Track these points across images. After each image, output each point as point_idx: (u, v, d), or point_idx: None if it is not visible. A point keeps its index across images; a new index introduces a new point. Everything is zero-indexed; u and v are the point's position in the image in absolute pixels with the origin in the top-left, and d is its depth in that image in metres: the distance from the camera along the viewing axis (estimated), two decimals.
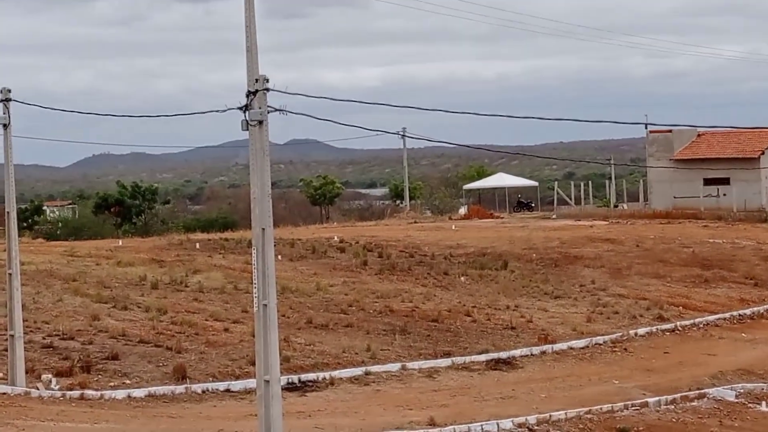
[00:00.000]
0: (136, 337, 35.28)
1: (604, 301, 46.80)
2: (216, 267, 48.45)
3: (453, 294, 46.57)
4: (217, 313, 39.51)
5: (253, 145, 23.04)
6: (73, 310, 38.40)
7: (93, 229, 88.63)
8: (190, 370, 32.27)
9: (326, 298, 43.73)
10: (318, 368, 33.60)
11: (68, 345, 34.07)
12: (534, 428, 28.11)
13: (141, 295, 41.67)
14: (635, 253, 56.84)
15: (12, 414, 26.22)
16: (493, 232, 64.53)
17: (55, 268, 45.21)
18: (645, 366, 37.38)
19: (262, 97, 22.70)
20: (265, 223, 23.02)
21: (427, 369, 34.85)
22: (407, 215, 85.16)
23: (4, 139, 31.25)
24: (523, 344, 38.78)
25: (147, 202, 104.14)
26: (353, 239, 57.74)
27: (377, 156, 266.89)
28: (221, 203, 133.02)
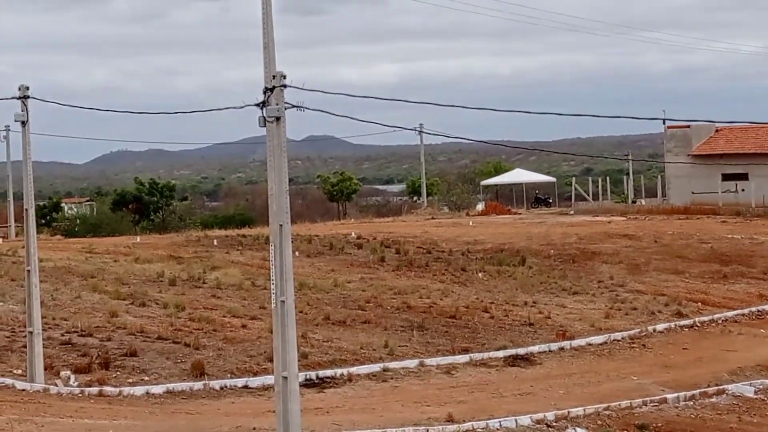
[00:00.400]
0: (155, 334, 35.33)
1: (622, 297, 46.73)
2: (234, 263, 48.51)
3: (471, 290, 46.54)
4: (234, 309, 39.55)
5: (270, 142, 23.04)
6: (92, 306, 38.48)
7: (111, 225, 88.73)
8: (208, 366, 32.30)
9: (344, 294, 43.75)
10: (336, 365, 33.60)
11: (87, 342, 34.13)
12: (552, 425, 28.08)
13: (159, 291, 41.73)
14: (653, 248, 56.76)
15: (31, 410, 26.29)
16: (510, 228, 64.51)
17: (74, 265, 45.32)
18: (663, 362, 37.29)
19: (279, 93, 22.71)
20: (282, 219, 23.03)
21: (445, 365, 34.83)
22: (424, 211, 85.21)
23: (23, 137, 31.32)
24: (541, 340, 38.73)
25: (165, 198, 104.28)
26: (371, 235, 57.76)
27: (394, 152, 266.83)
28: (239, 200, 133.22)
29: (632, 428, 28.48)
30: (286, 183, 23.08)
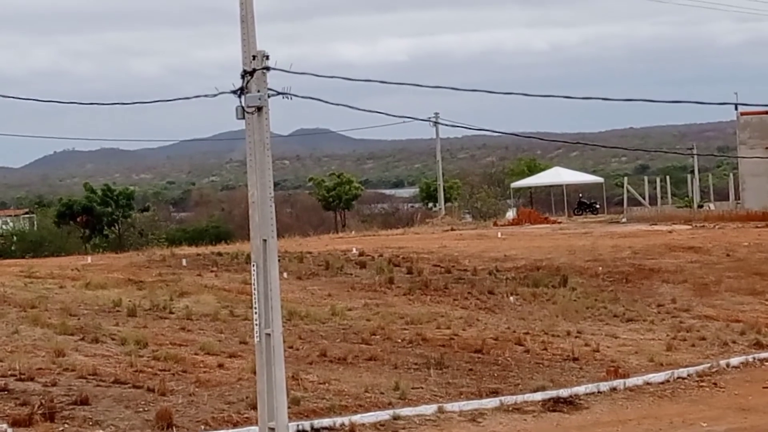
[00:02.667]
0: (111, 377, 35.34)
1: (687, 325, 46.77)
2: (207, 288, 48.59)
3: (500, 318, 46.62)
4: (209, 345, 39.58)
5: (250, 137, 23.09)
6: (32, 343, 38.52)
7: (55, 243, 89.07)
8: (177, 416, 32.32)
9: (344, 324, 43.81)
10: (335, 412, 33.62)
11: (27, 387, 34.16)
12: None
13: (115, 324, 41.78)
14: (725, 264, 56.80)
15: None
16: (548, 240, 64.58)
17: (10, 293, 45.38)
18: (740, 404, 37.31)
19: (260, 77, 22.75)
20: (266, 232, 23.05)
21: (469, 411, 34.87)
22: (442, 221, 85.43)
23: None
24: (588, 379, 38.75)
25: (121, 209, 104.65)
26: (376, 252, 57.85)
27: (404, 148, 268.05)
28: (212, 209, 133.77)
29: None
30: (271, 188, 23.12)
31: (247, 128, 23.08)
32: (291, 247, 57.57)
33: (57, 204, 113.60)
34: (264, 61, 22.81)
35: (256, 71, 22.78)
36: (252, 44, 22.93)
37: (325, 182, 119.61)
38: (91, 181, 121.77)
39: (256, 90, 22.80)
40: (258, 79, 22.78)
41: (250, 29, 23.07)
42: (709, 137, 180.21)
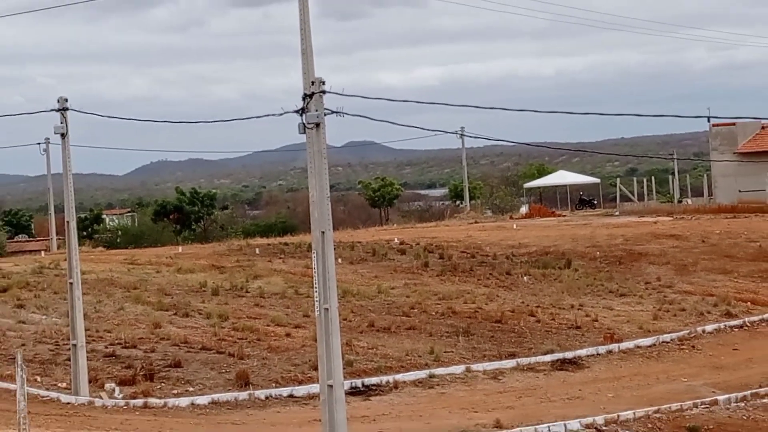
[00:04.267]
0: (198, 344, 35.46)
1: (670, 299, 46.56)
2: (276, 272, 48.62)
3: (516, 294, 46.49)
4: (278, 318, 39.65)
5: (310, 148, 23.09)
6: (135, 318, 38.66)
7: (152, 236, 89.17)
8: (253, 376, 32.40)
9: (388, 300, 43.77)
10: (381, 372, 33.63)
11: (131, 353, 34.30)
12: (602, 428, 28.00)
13: (202, 301, 41.89)
14: (701, 248, 56.48)
15: (76, 424, 26.45)
16: (555, 230, 64.34)
17: (116, 277, 45.53)
18: (714, 363, 37.14)
19: (318, 99, 22.76)
20: (324, 226, 23.07)
21: (491, 370, 34.81)
22: (467, 215, 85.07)
23: (63, 149, 31.50)
24: (589, 344, 38.64)
25: (205, 208, 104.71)
26: (413, 241, 57.74)
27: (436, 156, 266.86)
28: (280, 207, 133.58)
29: (683, 431, 28.37)
30: (327, 189, 23.12)
31: (308, 141, 23.10)
32: (344, 238, 57.51)
33: (153, 204, 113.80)
34: (321, 86, 22.82)
35: (314, 94, 22.80)
36: (311, 72, 22.95)
37: (372, 185, 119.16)
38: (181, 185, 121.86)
39: (315, 110, 22.81)
40: (316, 101, 22.79)
41: (309, 60, 23.09)
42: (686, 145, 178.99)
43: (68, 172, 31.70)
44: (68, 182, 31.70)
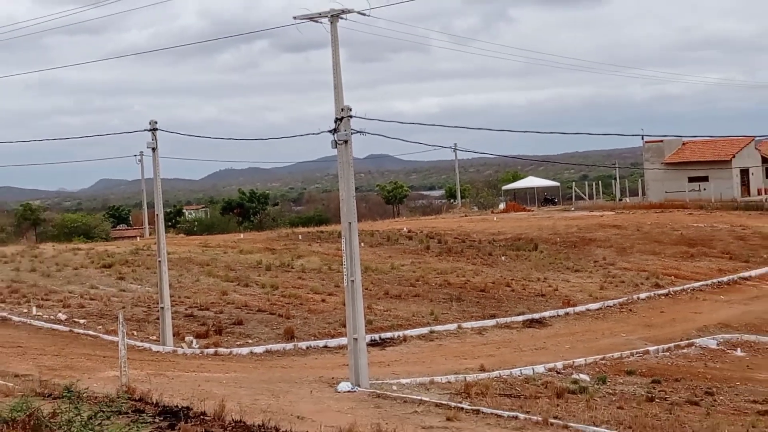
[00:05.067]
0: (256, 308, 35.53)
1: (613, 273, 46.49)
2: (314, 253, 48.68)
3: (496, 270, 46.46)
4: (316, 287, 39.70)
5: (340, 159, 23.12)
6: (207, 287, 38.75)
7: (221, 226, 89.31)
8: (297, 331, 32.46)
9: (399, 275, 43.79)
10: (394, 329, 33.66)
11: (204, 314, 34.39)
12: (561, 371, 27.98)
13: (258, 275, 41.96)
14: (636, 235, 56.37)
15: (164, 366, 26.53)
16: (525, 222, 64.26)
17: (193, 256, 45.65)
18: (646, 322, 37.09)
19: (347, 122, 22.79)
20: (351, 218, 23.10)
21: (477, 328, 34.81)
22: (459, 210, 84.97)
23: (153, 159, 31.62)
24: (551, 307, 38.62)
25: (261, 204, 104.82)
26: (418, 230, 57.75)
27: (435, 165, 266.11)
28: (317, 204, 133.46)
29: (622, 374, 28.35)
30: (352, 191, 23.16)
31: (339, 154, 23.11)
32: (365, 228, 57.53)
33: (221, 202, 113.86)
34: (348, 112, 22.85)
35: (343, 118, 22.82)
36: (341, 102, 22.98)
37: (386, 187, 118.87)
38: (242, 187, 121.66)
39: (344, 130, 22.83)
40: (345, 123, 22.82)
41: (340, 93, 23.12)
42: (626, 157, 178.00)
43: (157, 176, 31.83)
44: (157, 184, 31.83)
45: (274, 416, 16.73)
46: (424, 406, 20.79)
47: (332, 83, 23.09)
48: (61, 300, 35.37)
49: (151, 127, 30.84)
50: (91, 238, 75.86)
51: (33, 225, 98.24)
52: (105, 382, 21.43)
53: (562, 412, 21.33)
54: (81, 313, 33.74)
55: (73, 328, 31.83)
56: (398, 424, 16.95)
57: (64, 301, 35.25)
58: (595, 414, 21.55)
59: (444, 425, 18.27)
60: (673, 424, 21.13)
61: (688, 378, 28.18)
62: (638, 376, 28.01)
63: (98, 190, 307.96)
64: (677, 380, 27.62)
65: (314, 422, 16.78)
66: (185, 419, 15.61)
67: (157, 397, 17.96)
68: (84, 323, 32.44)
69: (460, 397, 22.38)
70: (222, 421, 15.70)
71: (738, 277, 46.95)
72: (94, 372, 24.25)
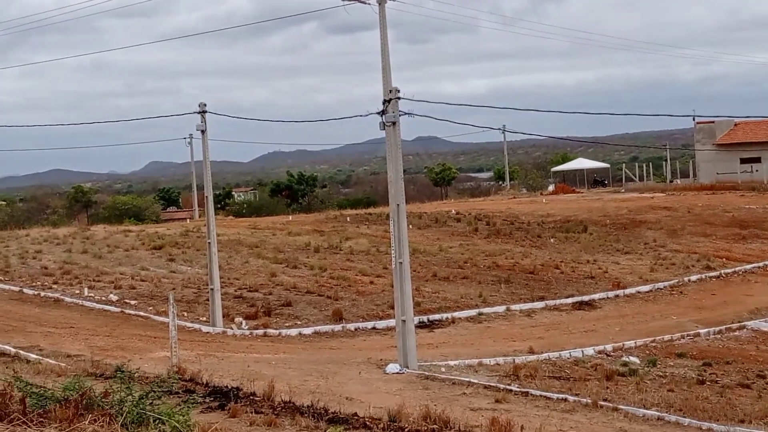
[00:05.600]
0: (304, 289, 35.68)
1: (663, 255, 46.11)
2: (362, 235, 48.77)
3: (545, 252, 46.27)
4: (364, 269, 39.77)
5: (388, 141, 23.10)
6: (257, 269, 38.96)
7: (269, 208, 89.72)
8: (345, 313, 32.56)
9: (447, 257, 43.76)
10: (442, 311, 33.65)
11: (253, 296, 34.59)
12: (611, 354, 27.83)
13: (307, 257, 42.12)
14: (687, 217, 55.86)
15: (213, 347, 26.75)
16: (575, 204, 63.91)
17: (242, 238, 45.92)
18: (697, 305, 36.77)
19: (395, 104, 22.76)
20: (399, 200, 23.09)
21: (526, 310, 34.71)
22: (508, 192, 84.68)
23: (202, 142, 31.79)
24: (601, 290, 38.40)
25: (309, 187, 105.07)
26: (467, 212, 57.63)
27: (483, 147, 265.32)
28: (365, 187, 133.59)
29: (673, 356, 28.13)
30: (401, 173, 23.14)
31: (387, 136, 23.09)
32: (413, 210, 57.52)
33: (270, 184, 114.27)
34: (396, 94, 22.81)
35: (391, 100, 22.79)
36: (389, 83, 22.94)
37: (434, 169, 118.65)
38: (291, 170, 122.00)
39: (392, 112, 22.80)
40: (393, 105, 22.78)
41: (388, 74, 23.08)
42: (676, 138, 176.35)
43: (206, 159, 32.00)
44: (207, 167, 32.00)
45: (322, 397, 16.81)
46: (473, 387, 20.78)
47: (380, 65, 23.06)
48: (113, 281, 35.77)
49: (200, 110, 30.99)
50: (141, 220, 76.55)
51: (84, 207, 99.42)
52: (156, 363, 21.66)
53: (612, 395, 21.23)
54: (132, 294, 34.10)
55: (125, 309, 32.18)
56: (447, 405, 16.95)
57: (116, 282, 35.64)
58: (645, 396, 21.41)
59: (493, 407, 18.25)
60: (724, 407, 20.94)
61: (739, 361, 27.89)
62: (689, 359, 27.78)
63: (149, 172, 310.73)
64: (728, 363, 27.35)
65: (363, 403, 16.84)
66: (235, 399, 15.73)
67: (207, 378, 18.11)
68: (135, 304, 32.79)
69: (509, 380, 22.34)
70: (271, 401, 15.80)
71: None
72: (145, 352, 24.51)
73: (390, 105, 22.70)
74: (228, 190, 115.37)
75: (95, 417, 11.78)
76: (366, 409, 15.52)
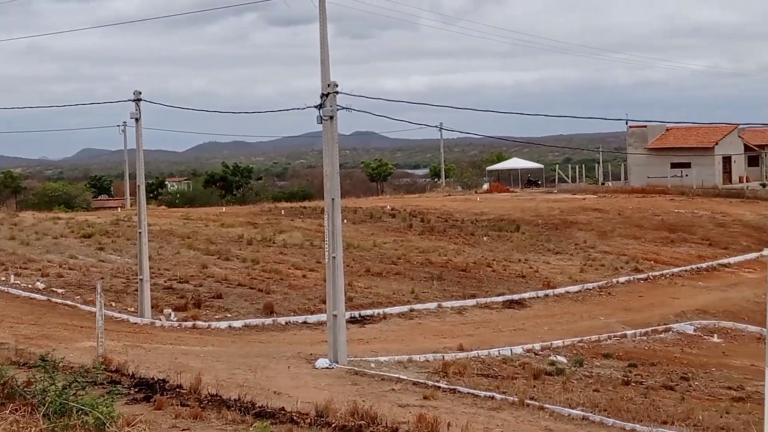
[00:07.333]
0: (236, 282, 35.45)
1: (593, 257, 46.59)
2: (297, 228, 48.61)
3: (477, 250, 46.50)
4: (297, 263, 39.65)
5: (325, 135, 23.02)
6: (188, 260, 38.64)
7: (203, 199, 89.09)
8: (277, 306, 32.42)
9: (380, 252, 43.78)
10: (374, 306, 33.65)
11: (183, 287, 34.30)
12: (539, 353, 28.05)
13: (239, 249, 41.87)
14: (617, 219, 56.52)
15: (141, 339, 26.46)
16: (508, 203, 64.33)
17: (174, 229, 45.52)
18: (624, 306, 37.21)
19: (332, 98, 22.68)
20: (334, 194, 23.02)
21: (457, 307, 34.84)
22: (443, 190, 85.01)
23: (136, 130, 31.44)
24: (531, 289, 38.68)
25: (244, 178, 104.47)
26: (402, 208, 57.73)
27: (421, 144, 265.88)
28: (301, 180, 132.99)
29: (599, 357, 28.43)
30: (337, 167, 23.08)
31: (324, 129, 23.01)
32: (349, 204, 57.47)
33: (204, 175, 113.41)
34: (335, 88, 22.74)
35: (330, 94, 22.71)
36: (327, 77, 22.86)
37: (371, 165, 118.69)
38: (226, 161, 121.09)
39: (330, 106, 22.72)
40: (331, 99, 22.70)
41: (327, 68, 23.00)
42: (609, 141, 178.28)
43: (140, 147, 31.64)
44: (140, 155, 31.65)
45: (250, 391, 16.70)
46: (402, 384, 20.79)
47: (319, 58, 22.97)
48: (40, 269, 35.22)
49: (135, 98, 30.64)
50: (71, 208, 75.49)
51: (13, 193, 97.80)
52: (81, 353, 21.34)
53: (539, 394, 21.38)
54: (59, 282, 33.61)
55: (51, 297, 31.70)
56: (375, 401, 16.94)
57: (43, 270, 35.10)
58: (571, 396, 21.60)
59: (421, 404, 18.27)
60: (648, 408, 21.20)
61: (664, 363, 28.29)
62: (615, 360, 28.10)
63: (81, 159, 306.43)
64: (653, 364, 27.72)
65: (291, 398, 16.75)
66: (161, 391, 15.56)
67: (134, 369, 17.90)
68: (62, 293, 32.32)
69: (438, 376, 22.39)
70: (198, 394, 15.66)
71: (717, 263, 47.14)
72: (70, 342, 24.15)
73: (328, 99, 22.62)
74: (161, 179, 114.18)
75: (17, 406, 11.58)
76: (294, 404, 15.44)
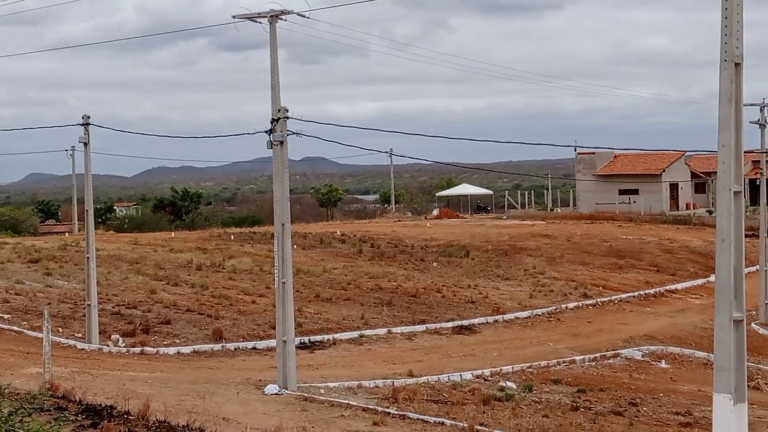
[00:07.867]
0: (184, 307, 35.20)
1: (542, 282, 46.86)
2: (246, 253, 48.41)
3: (427, 276, 46.58)
4: (246, 288, 39.46)
5: (275, 160, 23.00)
6: (136, 285, 38.32)
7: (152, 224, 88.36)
8: (226, 332, 32.22)
9: (330, 278, 43.71)
10: (324, 332, 33.56)
11: (132, 312, 33.99)
12: (488, 378, 28.09)
13: (188, 274, 41.61)
14: (566, 246, 56.93)
15: (88, 364, 26.16)
16: (458, 228, 64.57)
17: (122, 254, 45.14)
18: (573, 332, 37.42)
19: (283, 123, 22.70)
20: (284, 219, 22.99)
21: (407, 333, 34.84)
22: (393, 215, 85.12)
23: (85, 154, 31.17)
24: (481, 314, 38.79)
25: (193, 203, 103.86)
26: (352, 233, 57.73)
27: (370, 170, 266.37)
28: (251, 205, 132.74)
29: (549, 382, 28.54)
30: (287, 192, 23.06)
31: (274, 155, 23.00)
32: (299, 230, 57.36)
33: (153, 199, 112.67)
34: (285, 113, 22.75)
35: (280, 119, 22.72)
36: (278, 102, 22.87)
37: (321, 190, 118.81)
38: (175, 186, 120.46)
39: (280, 131, 22.73)
40: (281, 124, 22.71)
41: (277, 93, 23.02)
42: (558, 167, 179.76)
43: (88, 172, 31.38)
44: (88, 180, 31.38)
45: (199, 417, 16.57)
46: (351, 410, 20.74)
47: (270, 83, 22.98)
48: None
49: (84, 122, 30.41)
50: (18, 233, 74.60)
51: None
52: (28, 379, 21.05)
53: (488, 419, 21.42)
54: (5, 308, 33.16)
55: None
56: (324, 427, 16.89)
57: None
58: (520, 422, 21.66)
59: (370, 429, 18.25)
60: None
61: (612, 388, 28.45)
62: (564, 385, 28.21)
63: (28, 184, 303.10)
64: (602, 390, 27.87)
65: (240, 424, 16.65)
66: (108, 418, 15.40)
67: (81, 395, 17.69)
68: (8, 318, 31.88)
69: (388, 402, 22.35)
70: (146, 420, 15.51)
71: (665, 289, 47.62)
72: (16, 368, 23.82)
73: (278, 124, 22.63)
74: (110, 204, 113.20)
75: None
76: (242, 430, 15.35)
